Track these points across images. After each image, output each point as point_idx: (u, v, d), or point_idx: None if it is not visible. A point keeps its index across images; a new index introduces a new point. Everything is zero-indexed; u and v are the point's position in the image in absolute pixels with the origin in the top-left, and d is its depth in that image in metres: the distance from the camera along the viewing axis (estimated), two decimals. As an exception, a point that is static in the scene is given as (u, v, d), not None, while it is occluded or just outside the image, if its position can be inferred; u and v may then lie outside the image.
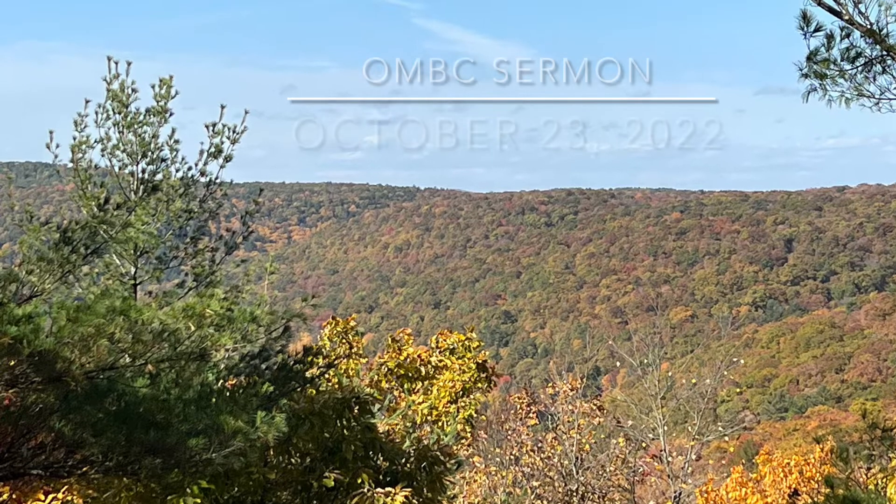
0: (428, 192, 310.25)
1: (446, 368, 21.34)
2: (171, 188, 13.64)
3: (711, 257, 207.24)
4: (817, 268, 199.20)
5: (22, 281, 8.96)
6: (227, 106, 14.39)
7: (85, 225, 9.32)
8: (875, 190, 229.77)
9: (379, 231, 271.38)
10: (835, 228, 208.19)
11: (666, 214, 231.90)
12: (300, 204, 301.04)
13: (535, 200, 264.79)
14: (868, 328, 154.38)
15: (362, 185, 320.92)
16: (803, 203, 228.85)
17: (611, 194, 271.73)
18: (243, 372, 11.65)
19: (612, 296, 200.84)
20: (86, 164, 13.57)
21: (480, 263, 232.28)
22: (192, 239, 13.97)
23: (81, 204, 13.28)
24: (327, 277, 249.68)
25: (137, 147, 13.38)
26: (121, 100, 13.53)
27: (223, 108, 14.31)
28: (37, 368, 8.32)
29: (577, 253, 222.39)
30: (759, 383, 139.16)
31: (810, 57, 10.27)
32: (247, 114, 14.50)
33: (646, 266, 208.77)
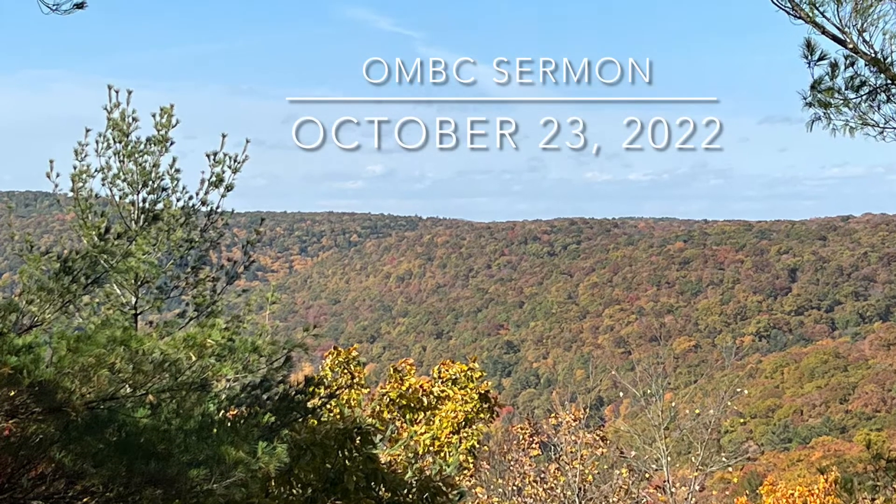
0: (430, 222, 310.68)
1: (448, 399, 21.27)
2: (172, 218, 13.61)
3: (715, 287, 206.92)
4: (821, 297, 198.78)
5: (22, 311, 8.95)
6: (227, 135, 14.39)
7: (85, 254, 9.32)
8: (879, 219, 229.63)
9: (381, 261, 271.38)
10: (839, 258, 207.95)
11: (669, 244, 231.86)
12: (302, 233, 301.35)
13: (538, 230, 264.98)
14: (872, 358, 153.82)
15: (364, 215, 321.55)
16: (807, 232, 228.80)
17: (614, 224, 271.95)
18: (244, 402, 11.60)
19: (615, 326, 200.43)
20: (86, 193, 13.54)
21: (483, 293, 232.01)
22: (193, 269, 13.93)
23: (82, 233, 13.25)
24: (329, 307, 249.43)
25: (138, 176, 13.36)
26: (121, 129, 13.52)
27: (224, 137, 14.30)
28: (37, 399, 8.29)
29: (579, 283, 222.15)
30: (762, 414, 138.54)
31: (814, 86, 10.29)
32: (248, 143, 14.48)
33: (649, 296, 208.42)
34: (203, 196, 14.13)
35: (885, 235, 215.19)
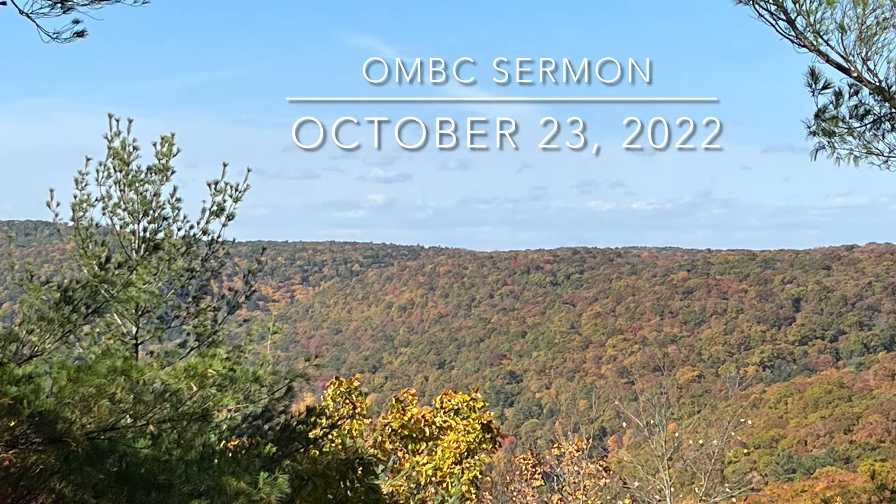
0: (432, 251, 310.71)
1: (451, 429, 21.18)
2: (173, 247, 13.61)
3: (718, 317, 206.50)
4: (825, 327, 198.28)
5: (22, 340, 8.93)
6: (229, 164, 14.41)
7: (86, 284, 9.31)
8: (884, 248, 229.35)
9: (383, 290, 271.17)
10: (843, 287, 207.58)
11: (672, 273, 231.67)
12: (303, 263, 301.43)
13: (541, 259, 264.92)
14: (877, 388, 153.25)
15: (366, 244, 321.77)
16: (811, 262, 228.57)
17: (617, 253, 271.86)
18: (246, 432, 11.56)
19: (618, 355, 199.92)
20: (87, 222, 13.54)
21: (485, 323, 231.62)
22: (194, 298, 13.92)
23: (82, 263, 13.25)
24: (331, 337, 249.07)
25: (139, 205, 13.37)
26: (122, 157, 13.55)
27: (225, 166, 14.33)
28: (37, 429, 8.25)
29: (582, 312, 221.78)
30: (766, 444, 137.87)
31: (818, 114, 10.29)
32: (249, 172, 14.50)
33: (652, 325, 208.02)
34: (204, 225, 14.13)
35: (889, 265, 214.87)
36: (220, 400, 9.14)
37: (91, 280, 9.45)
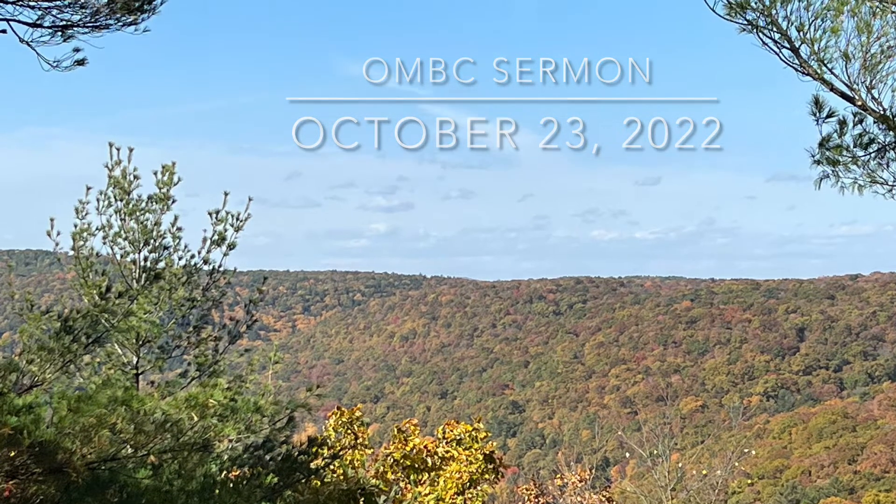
0: (434, 281, 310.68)
1: (453, 459, 21.07)
2: (174, 276, 13.58)
3: (722, 346, 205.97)
4: (829, 357, 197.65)
5: (22, 370, 8.89)
6: (230, 193, 14.39)
7: (86, 314, 9.28)
8: (888, 278, 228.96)
9: (385, 320, 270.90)
10: (847, 317, 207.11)
11: (676, 303, 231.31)
12: (305, 292, 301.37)
13: (543, 289, 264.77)
14: (881, 418, 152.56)
15: (368, 274, 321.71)
16: (815, 291, 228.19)
17: (620, 283, 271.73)
18: (247, 463, 11.48)
19: (621, 385, 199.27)
20: (87, 251, 13.52)
21: (488, 353, 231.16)
22: (195, 328, 13.88)
23: (83, 292, 13.21)
24: (332, 367, 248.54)
25: (139, 234, 13.35)
26: (123, 186, 13.55)
27: (226, 195, 14.32)
28: (37, 459, 8.20)
29: (585, 342, 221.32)
30: (770, 474, 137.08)
31: (823, 143, 10.28)
32: (250, 201, 14.48)
33: (656, 355, 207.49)
34: (205, 255, 14.11)
35: (894, 294, 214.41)
36: (221, 430, 9.08)
37: (91, 310, 9.43)
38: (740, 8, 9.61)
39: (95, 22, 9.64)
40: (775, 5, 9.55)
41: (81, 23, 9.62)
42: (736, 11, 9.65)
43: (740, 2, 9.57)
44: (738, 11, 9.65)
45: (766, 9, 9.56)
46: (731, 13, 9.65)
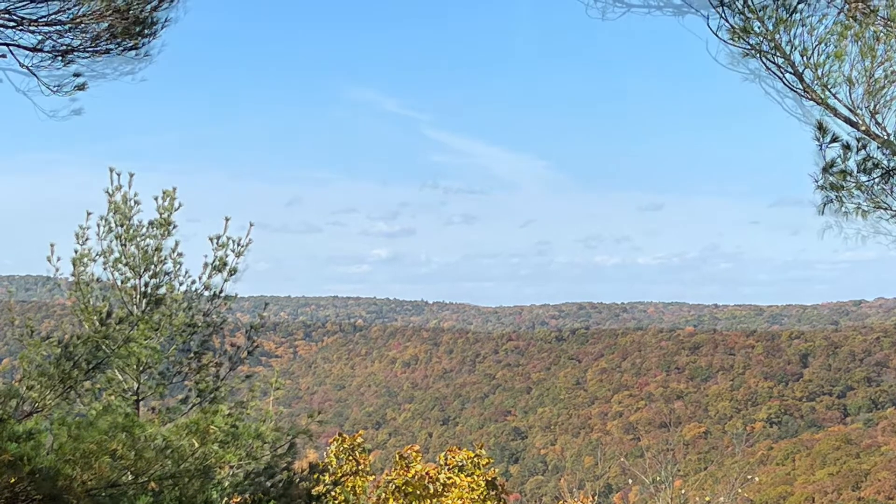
0: (436, 307, 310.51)
1: (455, 486, 20.96)
2: (175, 302, 13.54)
3: (725, 372, 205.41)
4: (833, 383, 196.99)
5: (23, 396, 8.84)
6: (231, 218, 14.36)
7: (87, 340, 9.24)
8: (892, 304, 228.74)
9: (386, 346, 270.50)
10: (851, 343, 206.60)
11: (679, 329, 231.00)
12: (306, 318, 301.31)
13: (546, 315, 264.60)
14: (885, 444, 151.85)
15: (369, 299, 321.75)
16: (819, 317, 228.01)
17: (623, 308, 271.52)
18: (248, 489, 11.41)
19: (624, 412, 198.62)
20: (87, 277, 13.48)
21: (490, 379, 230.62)
22: (196, 354, 13.83)
23: (83, 318, 13.16)
24: (334, 393, 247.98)
25: (140, 260, 13.32)
26: (123, 212, 13.53)
27: (227, 221, 14.29)
28: (37, 486, 8.14)
29: (588, 368, 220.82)
30: (774, 501, 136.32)
31: (826, 168, 10.25)
32: (252, 226, 14.45)
33: (658, 381, 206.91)
34: (206, 280, 14.08)
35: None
36: (222, 456, 9.02)
37: (92, 335, 9.39)
38: (744, 32, 9.62)
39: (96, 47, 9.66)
40: (779, 30, 9.55)
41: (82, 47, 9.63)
42: (739, 36, 9.66)
43: (743, 26, 9.58)
44: (742, 36, 9.66)
45: (769, 33, 9.57)
46: (734, 38, 9.66)
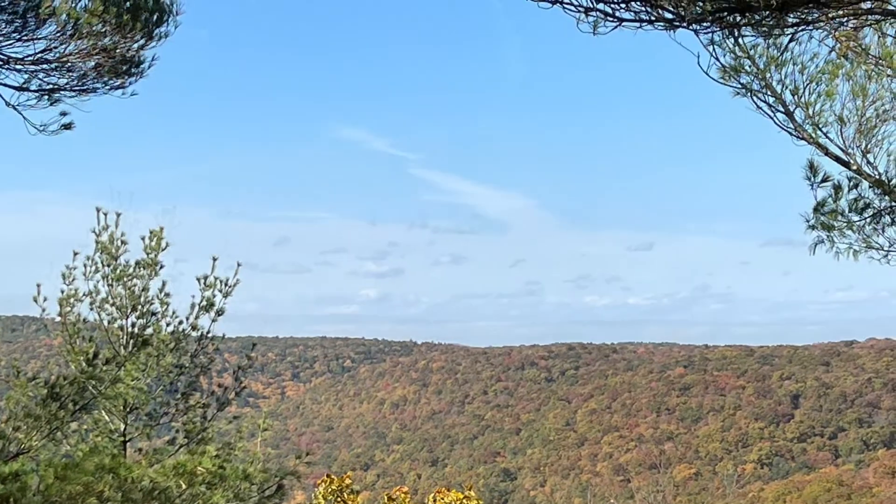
0: (425, 347, 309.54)
1: (445, 529, 20.75)
2: (162, 343, 13.46)
3: (716, 413, 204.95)
4: (825, 424, 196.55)
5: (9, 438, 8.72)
6: (219, 258, 14.32)
7: (73, 380, 9.15)
8: (884, 344, 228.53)
9: (375, 386, 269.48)
10: (842, 384, 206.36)
11: (669, 370, 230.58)
12: (294, 359, 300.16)
13: (535, 355, 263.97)
14: (877, 486, 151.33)
15: (358, 340, 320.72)
16: (810, 358, 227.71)
17: (613, 349, 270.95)
18: (235, 533, 11.24)
19: (614, 453, 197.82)
20: (74, 317, 13.41)
21: (479, 420, 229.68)
22: (184, 395, 13.74)
23: (70, 359, 13.06)
24: (322, 434, 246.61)
25: (127, 300, 13.25)
26: (110, 252, 13.48)
27: (215, 261, 14.25)
28: (20, 529, 7.99)
29: (578, 409, 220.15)
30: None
31: (817, 208, 10.24)
32: (239, 266, 14.42)
33: (649, 422, 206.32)
34: (193, 321, 14.00)
35: (889, 361, 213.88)
36: (209, 498, 8.90)
37: (78, 376, 9.30)
38: (734, 71, 9.63)
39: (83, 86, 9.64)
40: (770, 69, 9.58)
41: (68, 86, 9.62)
42: (730, 75, 9.67)
43: (734, 65, 9.60)
44: (732, 75, 9.68)
45: (760, 72, 9.59)
46: (725, 77, 9.67)
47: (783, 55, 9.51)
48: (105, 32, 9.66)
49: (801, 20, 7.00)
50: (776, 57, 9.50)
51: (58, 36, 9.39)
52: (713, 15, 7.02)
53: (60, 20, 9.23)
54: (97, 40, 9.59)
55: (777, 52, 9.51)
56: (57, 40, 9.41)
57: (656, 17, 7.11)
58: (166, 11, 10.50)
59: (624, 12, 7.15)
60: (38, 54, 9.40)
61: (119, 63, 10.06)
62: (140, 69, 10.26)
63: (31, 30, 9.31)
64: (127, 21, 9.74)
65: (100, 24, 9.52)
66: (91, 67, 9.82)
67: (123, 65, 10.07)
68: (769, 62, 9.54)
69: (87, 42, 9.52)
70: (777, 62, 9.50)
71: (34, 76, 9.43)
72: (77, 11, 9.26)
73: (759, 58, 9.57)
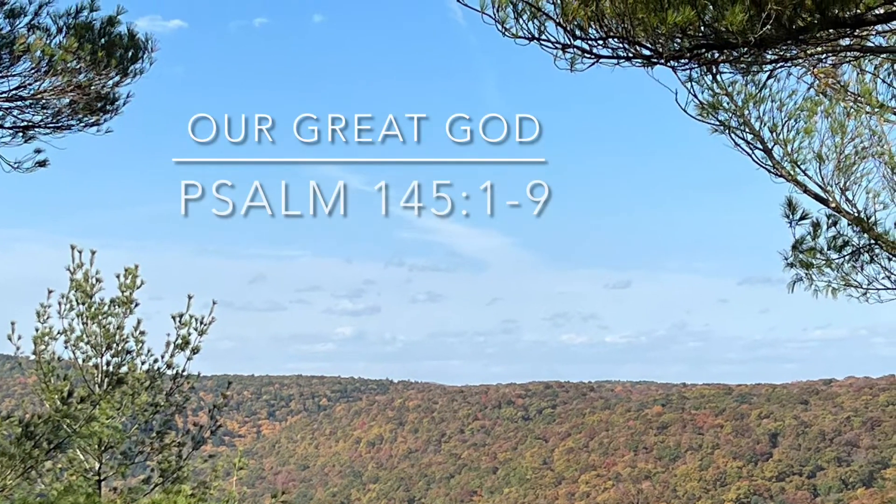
0: (401, 385, 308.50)
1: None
2: (137, 381, 13.39)
3: (694, 452, 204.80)
4: (803, 463, 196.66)
5: (-22, 477, 8.56)
6: (194, 296, 14.31)
7: (48, 419, 9.04)
8: (863, 383, 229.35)
9: (351, 425, 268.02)
10: (821, 422, 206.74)
11: (647, 408, 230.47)
12: (270, 397, 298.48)
13: (512, 394, 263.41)
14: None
15: (334, 378, 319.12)
16: (789, 396, 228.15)
17: (590, 387, 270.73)
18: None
19: (591, 492, 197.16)
20: (49, 355, 13.34)
21: (456, 458, 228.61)
22: (159, 433, 13.64)
23: (44, 397, 12.96)
24: (298, 473, 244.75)
25: (102, 339, 13.18)
26: (85, 290, 13.44)
27: (190, 299, 14.25)
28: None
29: (555, 448, 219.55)
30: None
31: (796, 246, 10.25)
32: (214, 304, 14.43)
33: (626, 461, 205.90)
34: (169, 359, 13.96)
35: (868, 399, 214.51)
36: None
37: (53, 415, 9.18)
38: (712, 108, 9.68)
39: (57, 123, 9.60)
40: (748, 106, 9.64)
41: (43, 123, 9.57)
42: (708, 112, 9.72)
43: (712, 102, 9.65)
44: (710, 112, 9.72)
45: (738, 109, 9.65)
46: (703, 113, 9.71)
47: (761, 92, 9.57)
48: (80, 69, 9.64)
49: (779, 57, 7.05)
50: (754, 94, 9.56)
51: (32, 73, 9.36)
52: (691, 51, 7.06)
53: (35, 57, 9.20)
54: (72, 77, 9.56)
55: (755, 88, 9.57)
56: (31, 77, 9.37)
57: (634, 54, 7.14)
58: (141, 48, 10.50)
59: (601, 49, 7.18)
60: (13, 91, 9.35)
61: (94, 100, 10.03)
62: (115, 106, 10.23)
63: (5, 66, 9.27)
64: (102, 58, 9.72)
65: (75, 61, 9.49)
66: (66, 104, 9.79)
67: (98, 101, 10.03)
68: (747, 99, 9.60)
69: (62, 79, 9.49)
70: (755, 99, 9.56)
71: (8, 113, 9.38)
72: (52, 48, 9.23)
73: (737, 94, 9.64)
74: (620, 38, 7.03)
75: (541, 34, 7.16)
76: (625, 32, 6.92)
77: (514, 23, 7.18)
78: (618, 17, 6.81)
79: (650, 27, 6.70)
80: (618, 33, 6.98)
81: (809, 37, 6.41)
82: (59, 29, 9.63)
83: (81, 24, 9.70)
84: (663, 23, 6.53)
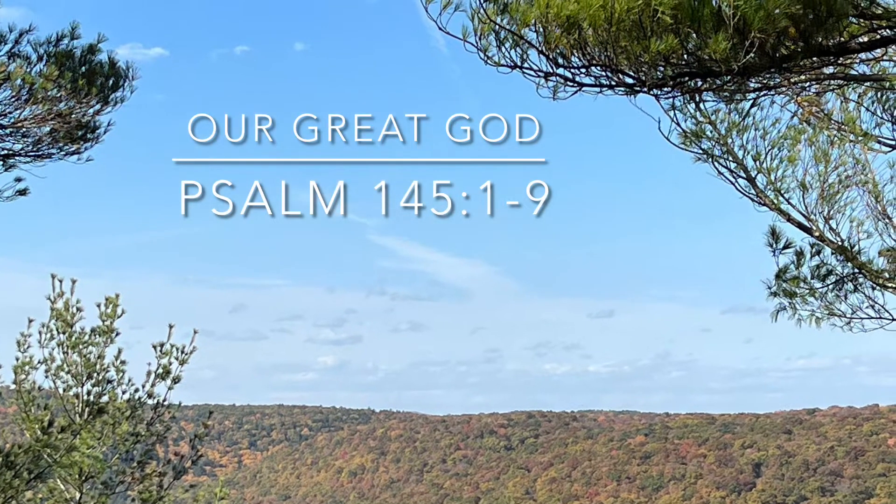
0: (383, 415, 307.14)
1: None
2: (118, 411, 13.34)
3: (677, 482, 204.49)
4: (787, 493, 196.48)
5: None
6: (175, 325, 14.30)
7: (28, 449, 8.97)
8: (846, 412, 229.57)
9: (333, 455, 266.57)
10: (805, 452, 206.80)
11: (630, 438, 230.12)
12: (251, 427, 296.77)
13: (495, 423, 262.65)
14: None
15: (315, 408, 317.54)
16: (772, 426, 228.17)
17: (573, 417, 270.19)
18: None
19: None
20: (29, 385, 13.31)
21: (438, 488, 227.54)
22: (140, 463, 13.56)
23: (24, 427, 12.89)
24: (279, 503, 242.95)
25: (82, 368, 13.15)
26: (65, 319, 13.42)
27: (171, 328, 14.25)
28: None
29: (537, 477, 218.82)
30: None
31: (779, 275, 10.25)
32: (196, 333, 14.42)
33: (609, 491, 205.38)
34: (150, 388, 13.93)
35: (852, 429, 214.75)
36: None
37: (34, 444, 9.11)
38: (695, 137, 9.71)
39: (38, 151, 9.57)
40: (731, 134, 9.68)
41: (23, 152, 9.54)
42: (691, 140, 9.75)
43: (695, 130, 9.68)
44: (694, 140, 9.76)
45: (721, 138, 9.68)
46: (686, 142, 9.74)
47: (745, 120, 9.62)
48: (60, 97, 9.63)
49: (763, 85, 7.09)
50: (738, 122, 9.60)
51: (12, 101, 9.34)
52: (674, 80, 7.09)
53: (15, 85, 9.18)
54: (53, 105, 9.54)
55: (739, 117, 9.62)
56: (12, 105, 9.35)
57: (617, 82, 7.17)
58: (122, 76, 10.50)
59: (584, 77, 7.21)
60: (-7, 120, 9.32)
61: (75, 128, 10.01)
62: (96, 134, 10.22)
63: (-15, 95, 9.25)
64: (82, 86, 9.70)
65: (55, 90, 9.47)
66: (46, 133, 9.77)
67: (79, 130, 10.01)
68: (731, 127, 9.65)
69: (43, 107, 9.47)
70: (738, 127, 9.61)
71: (-11, 142, 9.34)
72: (32, 76, 9.22)
73: (720, 123, 9.68)
74: (603, 66, 7.05)
75: (523, 62, 7.19)
76: (607, 61, 6.95)
77: (496, 51, 7.21)
78: (600, 45, 6.84)
79: (633, 55, 6.73)
80: (600, 61, 7.01)
81: (793, 65, 6.44)
82: (39, 57, 9.63)
83: (62, 52, 9.71)
84: (646, 51, 6.56)
